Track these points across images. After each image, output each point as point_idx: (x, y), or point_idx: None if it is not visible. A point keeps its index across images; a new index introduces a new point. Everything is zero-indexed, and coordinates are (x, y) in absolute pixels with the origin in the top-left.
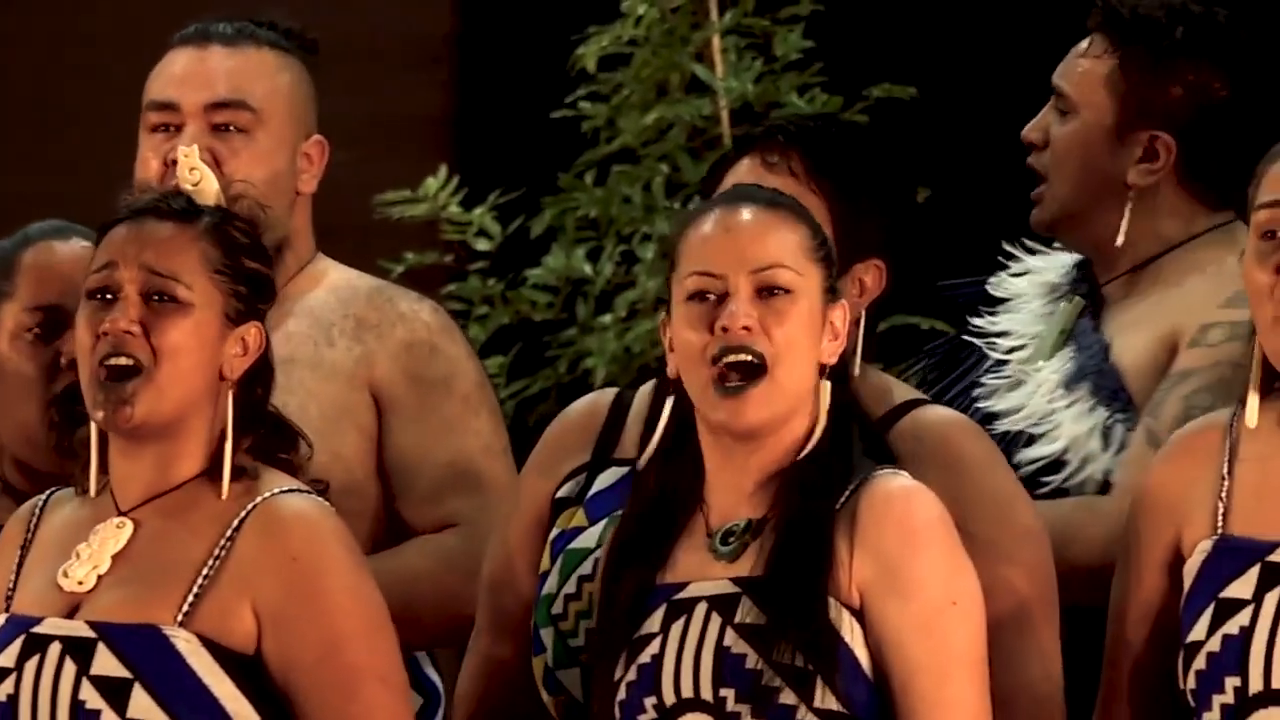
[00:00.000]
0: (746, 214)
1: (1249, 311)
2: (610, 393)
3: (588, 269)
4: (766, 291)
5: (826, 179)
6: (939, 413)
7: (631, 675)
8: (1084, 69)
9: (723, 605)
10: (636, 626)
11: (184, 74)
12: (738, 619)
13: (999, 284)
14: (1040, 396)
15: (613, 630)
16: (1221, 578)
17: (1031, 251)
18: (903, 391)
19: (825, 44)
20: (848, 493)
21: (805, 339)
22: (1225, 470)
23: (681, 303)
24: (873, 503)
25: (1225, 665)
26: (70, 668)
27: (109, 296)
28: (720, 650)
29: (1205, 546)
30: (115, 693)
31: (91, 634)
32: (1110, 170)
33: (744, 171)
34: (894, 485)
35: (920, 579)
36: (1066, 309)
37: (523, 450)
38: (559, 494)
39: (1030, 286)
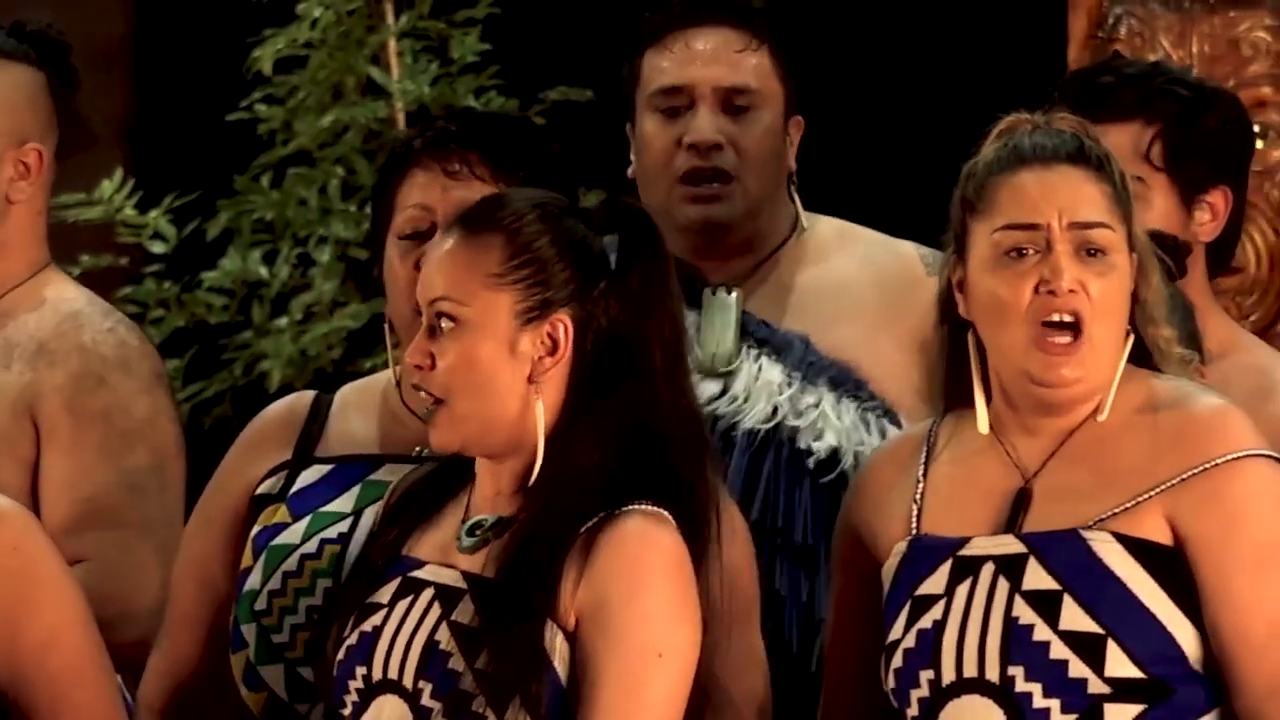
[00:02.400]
0: (441, 244)
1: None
2: (309, 394)
3: (263, 272)
4: (437, 326)
5: (515, 176)
6: None
7: (353, 640)
8: (755, 63)
9: (447, 597)
10: (371, 590)
11: None
12: (455, 615)
13: None
14: (774, 396)
15: (351, 588)
16: (916, 576)
17: None
18: None
19: (501, 47)
20: (598, 518)
21: (476, 369)
22: (921, 474)
23: None
24: (611, 537)
25: (920, 659)
26: None
27: None
28: (430, 642)
29: (901, 548)
30: None
31: None
32: (783, 158)
33: (423, 182)
34: (636, 525)
35: (632, 623)
36: (723, 301)
37: (199, 453)
38: (259, 490)
39: None
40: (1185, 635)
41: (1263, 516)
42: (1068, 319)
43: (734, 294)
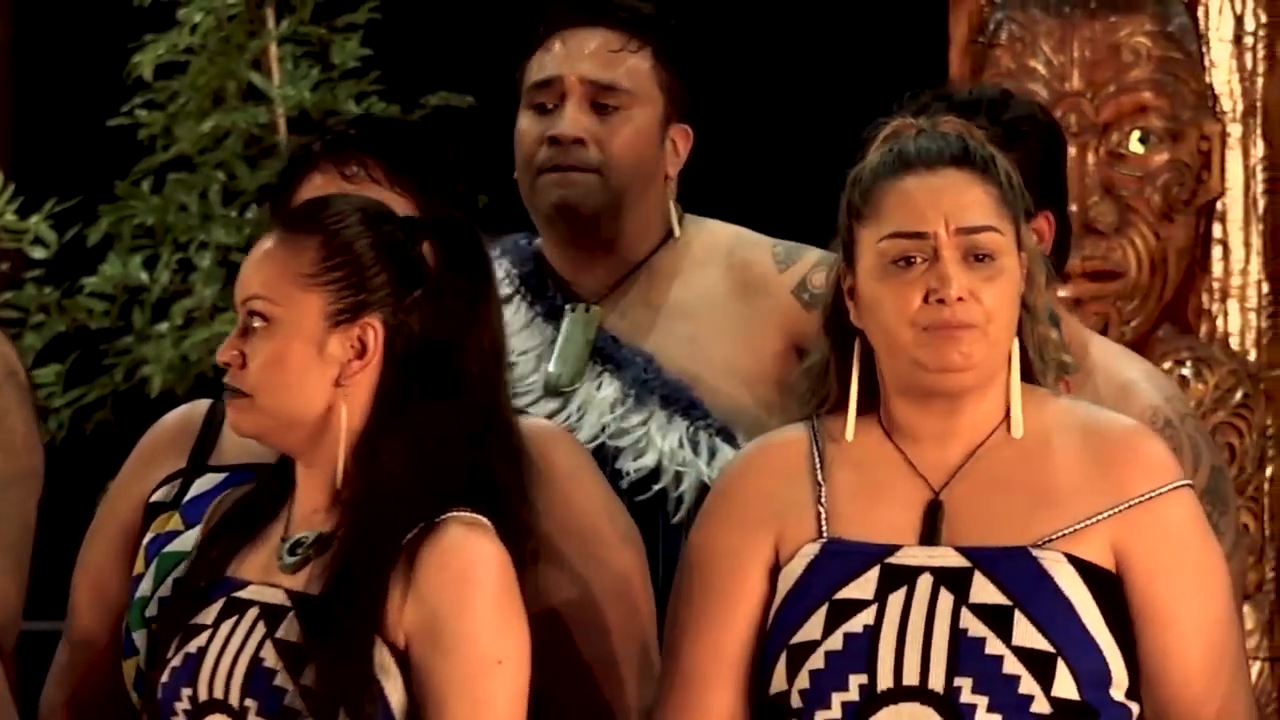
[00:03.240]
0: (264, 243)
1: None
2: (205, 402)
3: (144, 277)
4: (250, 325)
5: (409, 177)
6: (532, 422)
7: (178, 661)
8: (631, 64)
9: (271, 616)
10: (195, 612)
11: None
12: (279, 633)
13: None
14: (605, 414)
15: (174, 610)
16: (834, 579)
17: None
18: None
19: (382, 52)
20: (418, 529)
21: (284, 369)
22: (820, 477)
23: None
24: (434, 548)
25: (851, 663)
26: None
27: None
28: (255, 660)
29: (811, 550)
30: None
31: None
32: (657, 163)
33: (320, 185)
34: (458, 534)
35: (467, 634)
36: (582, 319)
37: (80, 458)
38: (153, 499)
39: None
40: (1116, 662)
41: (1197, 545)
42: (958, 324)
43: (593, 310)
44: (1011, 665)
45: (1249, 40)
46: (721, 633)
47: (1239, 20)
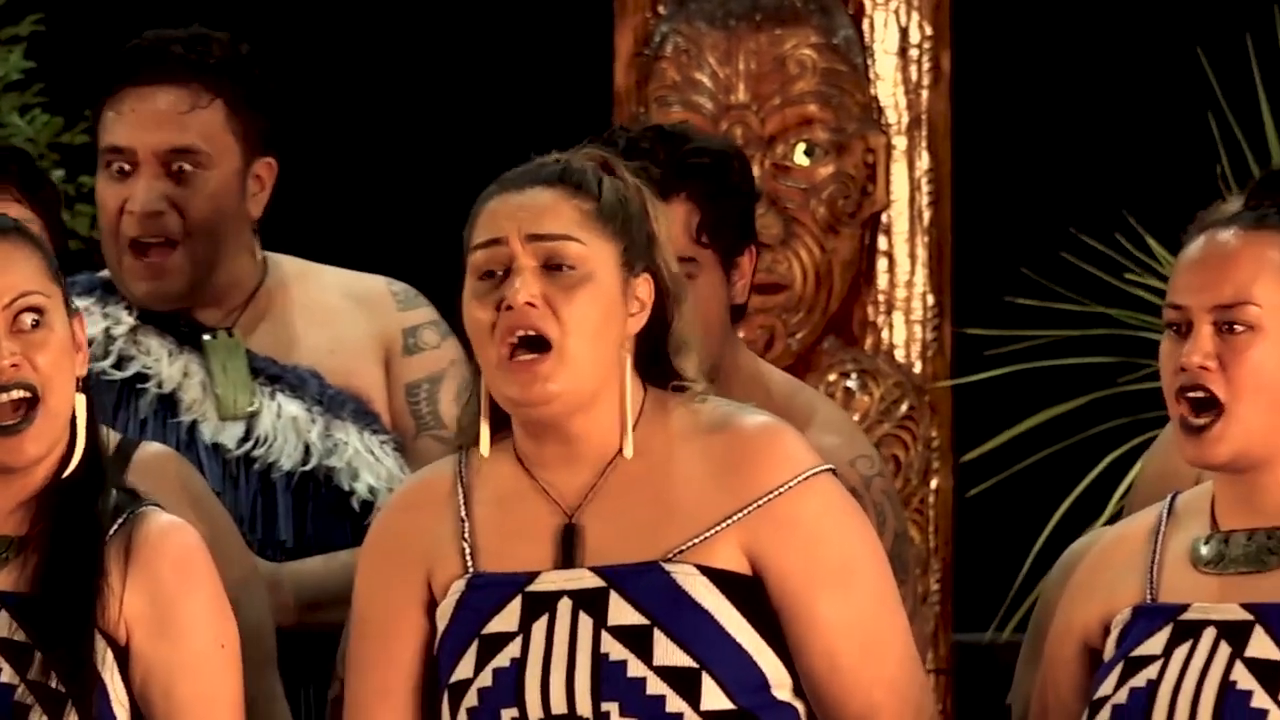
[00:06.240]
0: None
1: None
2: None
3: None
4: (29, 323)
5: (39, 197)
6: (156, 448)
7: None
8: (203, 121)
9: None
10: None
11: None
12: None
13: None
14: (303, 433)
15: None
16: (482, 614)
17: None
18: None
19: (46, 65)
20: (119, 523)
21: (69, 364)
22: (464, 513)
23: None
24: (148, 538)
25: (501, 698)
26: None
27: None
28: None
29: (459, 587)
30: None
31: None
32: (241, 211)
33: None
34: (165, 522)
35: (192, 622)
36: (225, 345)
37: None
38: None
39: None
40: (768, 663)
41: (835, 535)
42: (526, 334)
43: (235, 336)
44: (655, 686)
45: (914, 53)
46: (385, 671)
47: (904, 33)
